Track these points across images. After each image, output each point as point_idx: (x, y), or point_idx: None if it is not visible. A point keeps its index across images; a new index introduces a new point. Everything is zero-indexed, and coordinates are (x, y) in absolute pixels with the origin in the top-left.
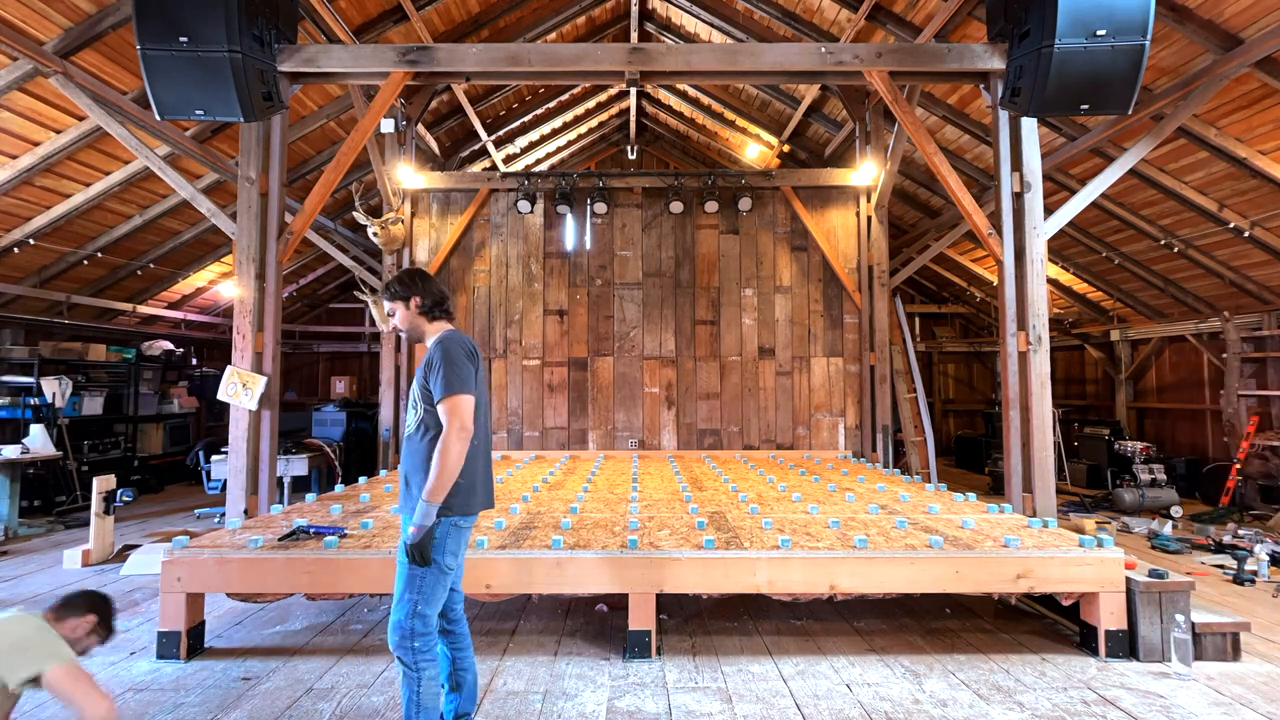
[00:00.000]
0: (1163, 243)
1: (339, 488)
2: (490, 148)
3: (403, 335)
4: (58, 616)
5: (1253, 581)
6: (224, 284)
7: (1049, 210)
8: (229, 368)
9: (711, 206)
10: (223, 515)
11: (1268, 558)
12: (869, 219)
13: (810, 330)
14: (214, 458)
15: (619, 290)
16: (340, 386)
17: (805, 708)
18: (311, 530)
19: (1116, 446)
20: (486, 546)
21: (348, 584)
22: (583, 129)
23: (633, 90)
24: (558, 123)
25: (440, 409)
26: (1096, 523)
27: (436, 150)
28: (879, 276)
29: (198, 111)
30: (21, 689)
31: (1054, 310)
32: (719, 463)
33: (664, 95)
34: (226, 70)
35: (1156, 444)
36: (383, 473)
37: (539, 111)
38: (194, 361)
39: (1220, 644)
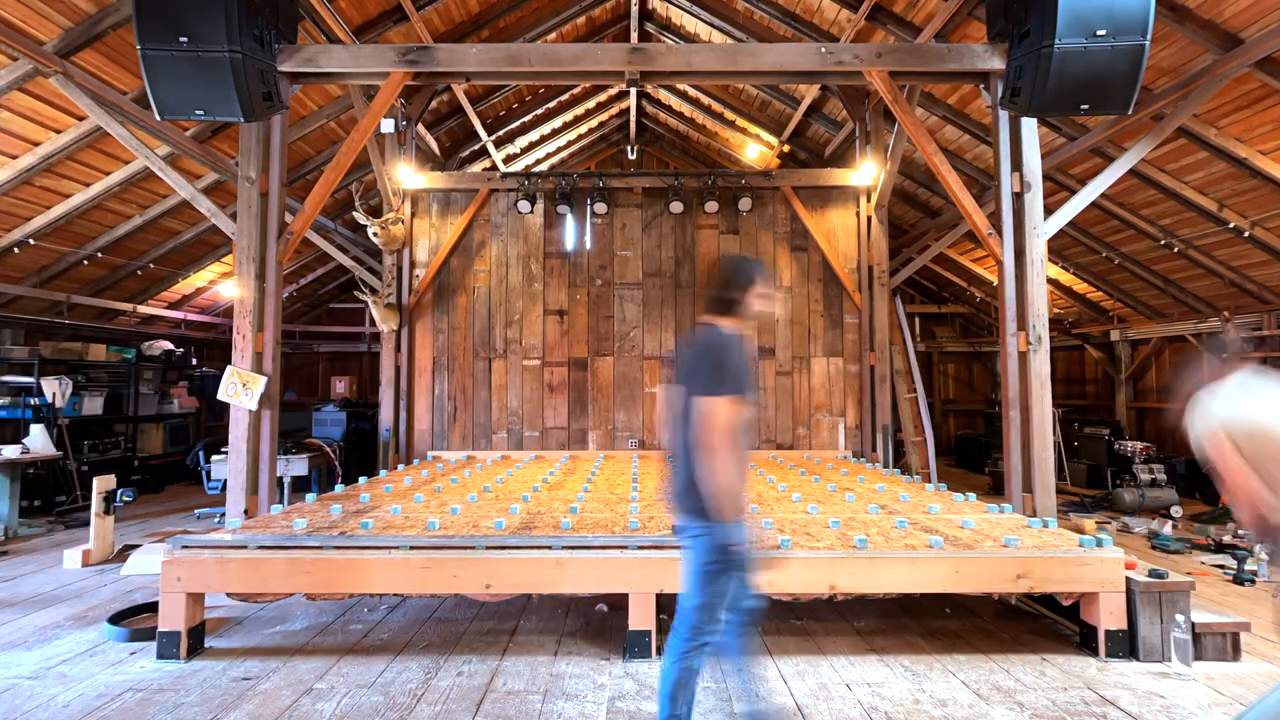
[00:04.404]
0: (1163, 243)
1: (339, 488)
2: (490, 148)
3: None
4: None
5: (1253, 581)
6: (224, 284)
7: (1049, 210)
8: (229, 368)
9: (711, 206)
10: (223, 515)
11: (1267, 557)
12: (869, 219)
13: (810, 330)
14: (214, 458)
15: (619, 290)
16: (340, 386)
17: (805, 708)
18: None
19: (1116, 446)
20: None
21: (348, 584)
22: (583, 129)
23: (633, 90)
24: (558, 123)
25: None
26: (1096, 523)
27: (436, 150)
28: (879, 276)
29: (198, 111)
30: None
31: (1054, 310)
32: None
33: (664, 95)
34: (226, 70)
35: (1156, 444)
36: (383, 473)
37: (539, 111)
38: (194, 361)
39: (1220, 644)
